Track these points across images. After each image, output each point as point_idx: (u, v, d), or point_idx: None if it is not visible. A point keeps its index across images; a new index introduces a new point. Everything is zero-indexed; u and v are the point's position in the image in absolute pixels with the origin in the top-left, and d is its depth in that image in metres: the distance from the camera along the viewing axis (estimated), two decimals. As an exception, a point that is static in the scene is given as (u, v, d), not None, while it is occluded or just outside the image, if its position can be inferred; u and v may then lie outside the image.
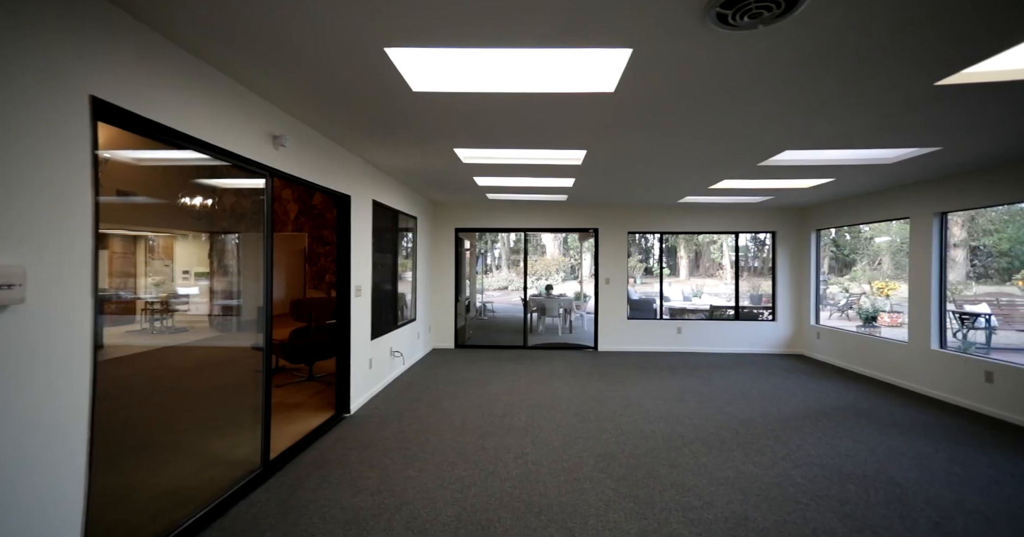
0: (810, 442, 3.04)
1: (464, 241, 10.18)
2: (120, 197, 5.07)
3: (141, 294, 9.65)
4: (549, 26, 1.61)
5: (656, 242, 23.99)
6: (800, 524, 2.06)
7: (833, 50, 1.77)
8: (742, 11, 1.39)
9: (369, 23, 1.62)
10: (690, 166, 3.83)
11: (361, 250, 3.87)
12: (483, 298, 13.75)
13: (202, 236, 9.56)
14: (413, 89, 2.21)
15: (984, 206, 3.80)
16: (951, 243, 15.87)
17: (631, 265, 22.01)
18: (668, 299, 13.18)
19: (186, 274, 10.70)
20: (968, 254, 13.88)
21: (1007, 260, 12.38)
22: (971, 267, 13.90)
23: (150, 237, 10.35)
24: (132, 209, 5.43)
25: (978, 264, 13.63)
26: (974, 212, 12.77)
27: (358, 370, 3.79)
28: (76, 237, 1.44)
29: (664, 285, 7.08)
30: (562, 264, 22.59)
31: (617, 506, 2.21)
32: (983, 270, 13.49)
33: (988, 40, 1.70)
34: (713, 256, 21.68)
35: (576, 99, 2.32)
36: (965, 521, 2.09)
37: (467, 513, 2.12)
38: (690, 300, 13.33)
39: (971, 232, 13.66)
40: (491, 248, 24.67)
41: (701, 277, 20.94)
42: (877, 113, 2.48)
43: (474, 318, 11.00)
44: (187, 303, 9.66)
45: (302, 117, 2.69)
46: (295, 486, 2.34)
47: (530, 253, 25.04)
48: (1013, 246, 12.21)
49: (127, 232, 7.35)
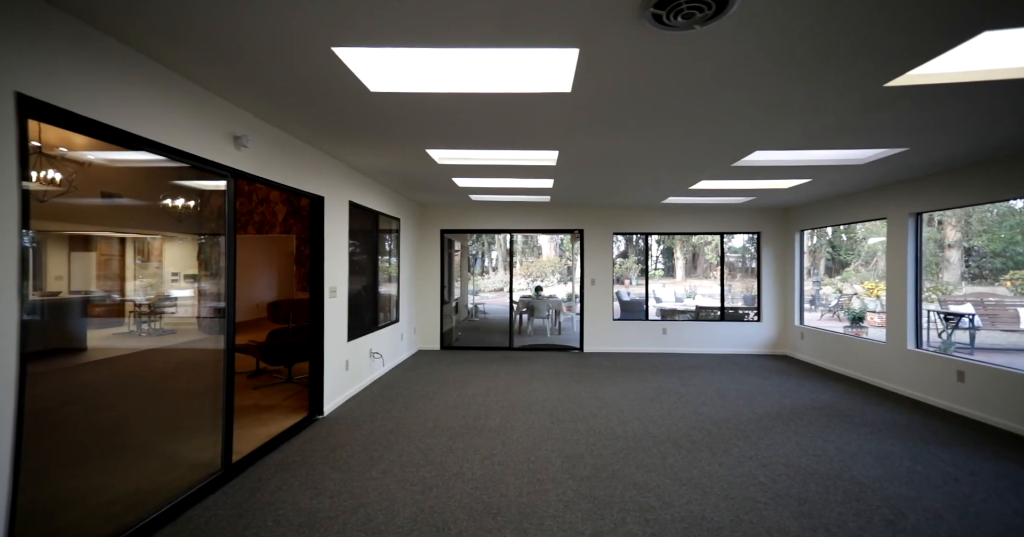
0: (779, 442, 3.04)
1: (454, 242, 10.19)
2: (105, 199, 5.05)
3: (129, 296, 9.61)
4: (490, 26, 1.62)
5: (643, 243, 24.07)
6: (755, 523, 2.06)
7: (778, 51, 1.78)
8: (675, 11, 1.40)
9: (313, 23, 1.63)
10: (664, 166, 3.84)
11: (337, 251, 3.87)
12: (476, 299, 13.75)
13: (188, 238, 9.53)
14: (371, 89, 2.21)
15: (957, 206, 3.82)
16: (946, 244, 15.76)
17: (627, 267, 22.04)
18: (660, 300, 13.22)
19: (175, 276, 10.69)
20: (963, 255, 13.96)
21: (1001, 260, 12.44)
22: (966, 268, 13.97)
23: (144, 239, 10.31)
24: (115, 211, 5.41)
25: (972, 264, 13.70)
26: (969, 214, 12.85)
27: (333, 372, 3.78)
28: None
29: (659, 286, 7.14)
30: (557, 266, 22.62)
31: (576, 507, 2.20)
32: (977, 270, 13.56)
33: (928, 44, 1.72)
34: (708, 257, 21.76)
35: (536, 99, 2.33)
36: (917, 518, 2.10)
37: (424, 515, 2.11)
38: (682, 301, 13.35)
39: (966, 233, 13.72)
40: (487, 250, 24.71)
41: (698, 278, 21.00)
42: (835, 114, 2.49)
43: (466, 320, 10.99)
44: (174, 305, 9.63)
45: (266, 117, 2.69)
46: (254, 489, 2.33)
47: (527, 255, 25.08)
48: (1007, 247, 12.27)
49: (114, 234, 7.32)
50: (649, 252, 7.59)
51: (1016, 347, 6.71)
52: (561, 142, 3.13)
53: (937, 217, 13.83)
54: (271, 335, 4.36)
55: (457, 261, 10.98)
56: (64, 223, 5.68)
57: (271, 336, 4.37)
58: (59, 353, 5.28)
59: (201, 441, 2.42)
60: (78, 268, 7.97)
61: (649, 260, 7.05)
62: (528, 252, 25.63)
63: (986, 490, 2.38)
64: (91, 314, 6.97)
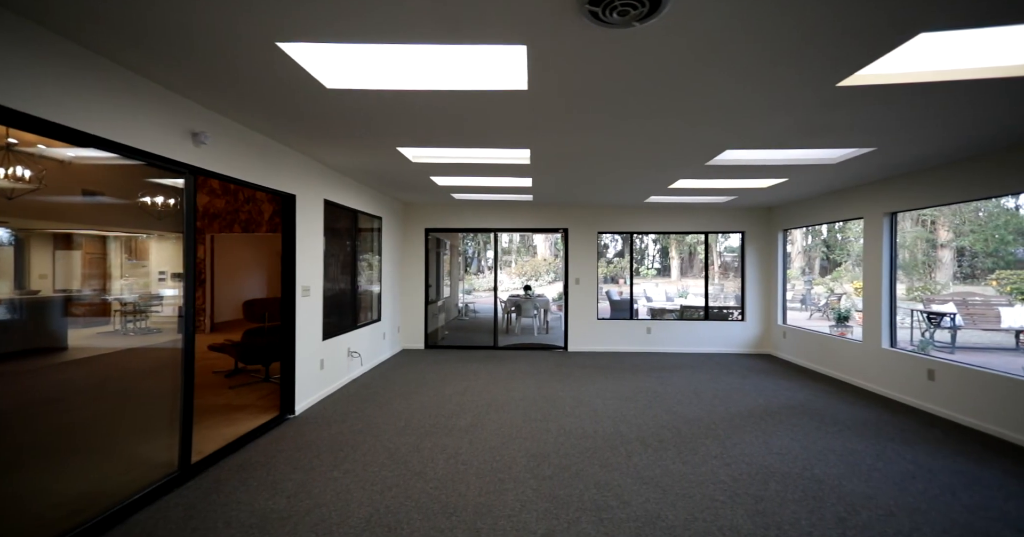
0: (747, 441, 3.04)
1: (444, 242, 10.17)
2: (84, 197, 5.00)
3: (115, 295, 9.52)
4: (431, 21, 1.60)
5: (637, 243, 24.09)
6: (709, 521, 2.06)
7: (722, 51, 1.77)
8: (610, 8, 1.39)
9: (256, 18, 1.61)
10: (637, 165, 3.83)
11: (310, 250, 3.84)
12: (467, 298, 13.72)
13: (176, 237, 9.43)
14: (327, 86, 2.20)
15: (931, 206, 3.83)
16: (938, 244, 15.81)
17: (621, 266, 21.96)
18: (651, 300, 13.24)
19: (162, 275, 10.61)
20: (955, 255, 14.05)
21: (992, 260, 12.53)
22: (958, 267, 14.06)
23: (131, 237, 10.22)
24: (91, 209, 5.35)
25: (965, 264, 13.79)
26: (955, 213, 12.91)
27: (306, 371, 3.76)
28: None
29: (651, 286, 7.14)
30: (552, 265, 22.63)
31: (533, 506, 2.19)
32: (969, 270, 13.66)
33: (869, 45, 1.73)
34: (701, 257, 21.81)
35: (494, 97, 2.32)
36: (869, 515, 2.10)
37: (379, 515, 2.10)
38: (672, 300, 13.38)
39: (957, 233, 13.81)
40: (483, 250, 24.76)
41: (694, 278, 21.09)
42: (794, 114, 2.49)
43: (455, 319, 10.97)
44: (160, 305, 9.57)
45: (228, 114, 2.66)
46: (211, 490, 2.31)
47: (522, 254, 25.02)
48: (998, 247, 12.35)
49: (97, 232, 7.25)
50: (634, 251, 7.59)
51: (998, 346, 6.76)
52: (530, 140, 3.12)
53: (930, 217, 13.93)
54: (246, 334, 4.34)
55: (447, 260, 10.96)
56: (36, 220, 5.61)
57: (246, 335, 4.34)
58: (38, 353, 5.22)
59: (161, 442, 2.39)
60: (63, 266, 7.91)
61: (635, 259, 7.08)
62: (523, 251, 25.62)
63: (940, 487, 2.39)
64: (75, 313, 6.91)
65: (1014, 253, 11.48)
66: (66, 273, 8.11)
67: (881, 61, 1.93)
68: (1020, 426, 3.01)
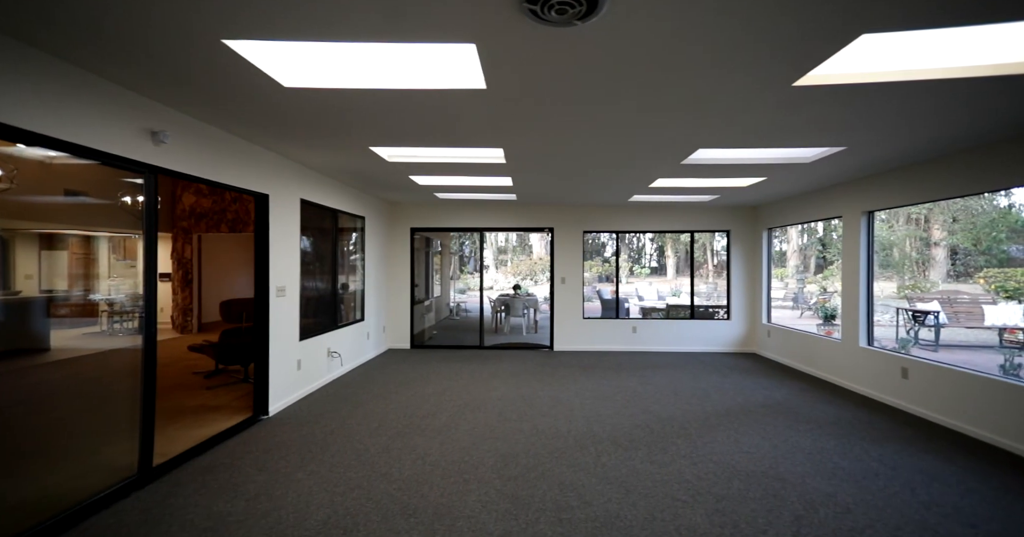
0: (719, 440, 3.04)
1: (434, 241, 10.14)
2: (68, 197, 4.96)
3: (103, 295, 9.46)
4: (375, 18, 1.58)
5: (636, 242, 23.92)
6: (668, 521, 2.06)
7: (674, 51, 1.76)
8: (547, 6, 1.38)
9: (199, 15, 1.59)
10: (612, 164, 3.82)
11: (286, 250, 3.82)
12: (459, 298, 13.71)
13: (165, 237, 9.33)
14: (284, 85, 2.18)
15: (907, 204, 3.84)
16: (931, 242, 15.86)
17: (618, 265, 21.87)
18: (643, 299, 13.25)
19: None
20: (948, 253, 14.12)
21: (985, 258, 12.59)
22: (951, 265, 14.13)
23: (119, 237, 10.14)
24: (69, 209, 5.30)
25: (958, 263, 13.86)
26: (950, 213, 12.95)
27: (282, 371, 3.74)
28: None
29: (644, 285, 7.13)
30: (547, 264, 22.58)
31: (493, 507, 2.19)
32: (963, 268, 13.73)
33: (816, 46, 1.73)
34: (697, 256, 21.87)
35: (455, 95, 2.30)
36: (826, 513, 2.11)
37: (336, 517, 2.09)
38: (664, 299, 13.41)
39: (950, 231, 13.88)
40: (478, 249, 24.61)
41: (687, 276, 21.10)
42: (758, 114, 2.48)
43: (446, 318, 10.96)
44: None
45: (191, 112, 2.63)
46: (169, 493, 2.29)
47: (517, 253, 25.00)
48: (991, 245, 12.41)
49: (83, 233, 7.20)
50: (632, 251, 7.59)
51: (984, 344, 6.80)
52: (500, 140, 3.11)
53: (923, 215, 13.99)
54: (223, 335, 4.31)
55: (438, 260, 10.93)
56: (14, 220, 5.57)
57: (224, 336, 4.32)
58: (19, 354, 5.19)
59: (121, 445, 2.37)
60: (49, 267, 7.84)
61: (632, 258, 7.07)
62: (519, 251, 25.61)
63: (901, 484, 2.40)
64: (60, 314, 6.85)
65: (1007, 251, 11.53)
66: (52, 273, 8.03)
67: (835, 62, 1.93)
68: (988, 423, 3.03)
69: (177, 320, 8.02)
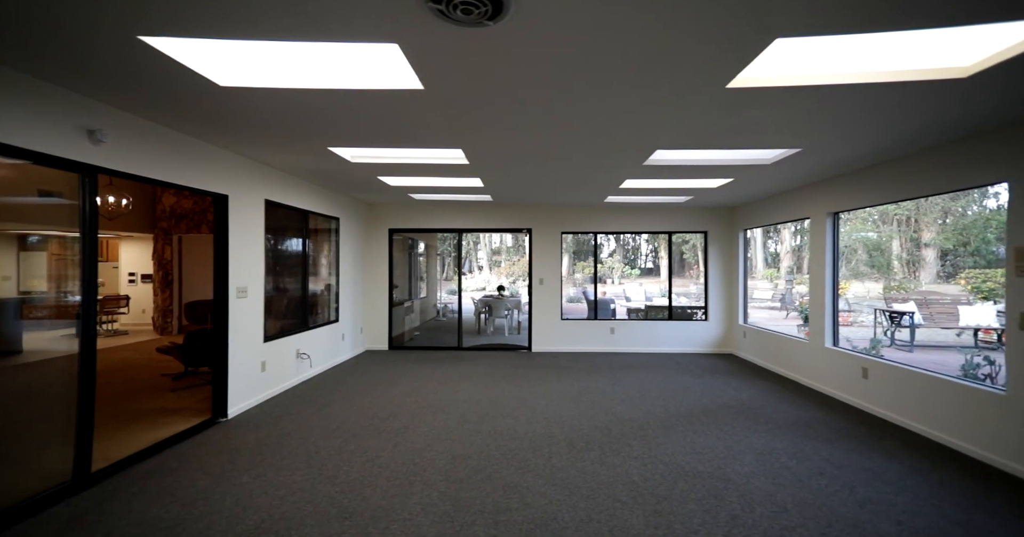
0: (674, 441, 3.04)
1: (418, 242, 10.11)
2: (42, 197, 4.90)
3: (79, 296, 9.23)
4: (290, 18, 1.57)
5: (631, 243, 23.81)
6: (603, 522, 2.05)
7: (596, 52, 1.76)
8: (451, 5, 1.37)
9: (112, 10, 1.56)
10: (574, 165, 3.82)
11: (249, 251, 3.80)
12: (445, 299, 13.68)
13: (146, 238, 9.21)
14: (220, 84, 2.16)
15: (870, 205, 3.86)
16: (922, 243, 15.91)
17: (610, 265, 21.88)
18: (630, 299, 13.28)
19: (132, 276, 10.39)
20: (938, 254, 14.24)
21: (973, 260, 12.69)
22: (941, 267, 14.25)
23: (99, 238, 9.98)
24: (51, 210, 5.26)
25: (948, 264, 13.98)
26: (946, 214, 13.04)
27: (244, 373, 3.71)
28: None
29: (635, 285, 7.12)
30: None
31: (432, 509, 2.18)
32: (952, 269, 13.85)
33: (736, 49, 1.74)
34: (686, 257, 21.93)
35: (395, 96, 2.29)
36: (762, 512, 2.11)
37: (270, 521, 2.07)
38: (651, 300, 13.44)
39: (940, 231, 14.01)
40: (475, 249, 24.81)
41: (683, 278, 21.21)
42: (701, 116, 2.49)
43: (433, 319, 10.93)
44: (126, 307, 9.35)
45: (135, 111, 2.58)
46: (104, 499, 2.25)
47: (511, 254, 24.95)
48: (979, 246, 12.50)
49: (63, 233, 7.12)
50: (598, 252, 7.60)
51: (962, 344, 6.85)
52: (455, 140, 3.10)
53: (910, 216, 14.08)
54: (188, 336, 4.28)
55: (423, 261, 10.90)
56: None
57: (188, 337, 4.28)
58: (-13, 356, 5.12)
59: (58, 450, 2.33)
60: (27, 268, 7.74)
61: (628, 259, 7.08)
62: (513, 252, 25.60)
63: (842, 483, 2.41)
64: (35, 316, 6.76)
65: (996, 252, 11.64)
66: (31, 274, 7.91)
67: (762, 65, 1.94)
68: (938, 422, 3.04)
69: (158, 321, 7.96)
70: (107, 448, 2.80)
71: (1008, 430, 2.60)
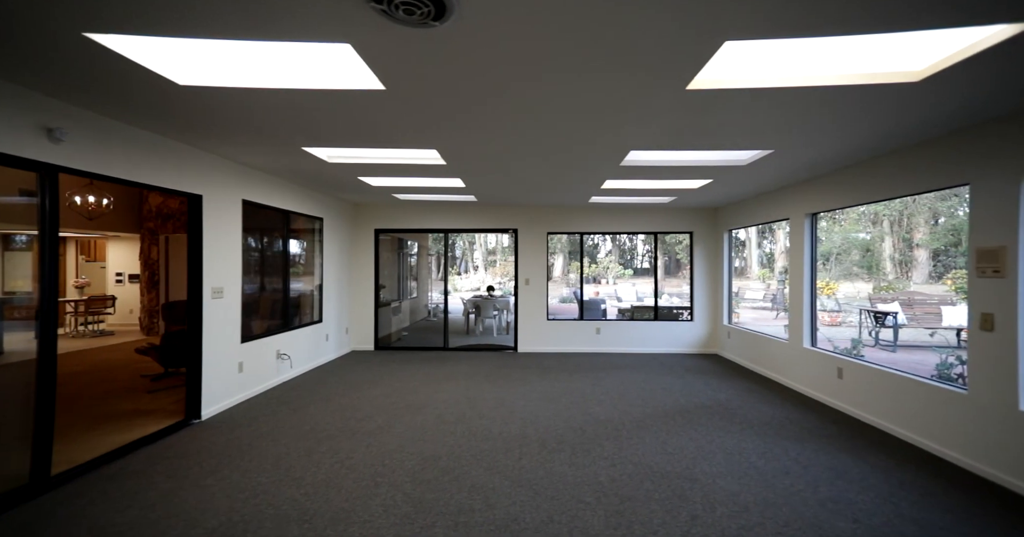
0: (646, 441, 3.05)
1: (409, 243, 10.08)
2: (23, 197, 4.85)
3: (70, 296, 9.22)
4: (237, 16, 1.56)
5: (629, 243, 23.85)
6: (564, 523, 2.05)
7: (548, 54, 1.76)
8: (393, 5, 1.37)
9: (59, 7, 1.55)
10: (553, 164, 3.81)
11: (225, 251, 3.77)
12: (436, 299, 13.65)
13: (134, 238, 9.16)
14: (180, 83, 2.14)
15: (847, 206, 3.88)
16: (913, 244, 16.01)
17: (605, 266, 21.87)
18: (621, 300, 13.29)
19: (119, 276, 10.30)
20: (930, 254, 14.36)
21: (965, 260, 12.79)
22: (932, 267, 14.36)
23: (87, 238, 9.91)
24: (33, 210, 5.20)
25: (940, 265, 14.10)
26: (939, 215, 13.13)
27: (219, 374, 3.68)
28: None
29: (628, 286, 7.13)
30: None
31: (395, 511, 2.17)
32: (943, 269, 13.96)
33: (689, 51, 1.75)
34: (680, 257, 22.00)
35: (362, 96, 2.28)
36: (723, 512, 2.11)
37: (228, 524, 2.05)
38: (642, 301, 13.47)
39: (932, 232, 14.11)
40: (471, 250, 24.83)
41: (679, 278, 21.28)
42: (666, 117, 2.49)
43: (424, 319, 10.90)
44: (112, 307, 9.26)
45: (97, 109, 2.54)
46: (61, 503, 2.22)
47: (507, 254, 24.98)
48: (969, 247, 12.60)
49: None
50: (584, 252, 7.60)
51: (946, 344, 6.90)
52: (428, 140, 3.09)
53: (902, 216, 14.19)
54: (165, 337, 4.25)
55: (414, 261, 10.87)
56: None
57: (166, 338, 4.25)
58: (-35, 358, 5.04)
59: (16, 453, 2.30)
60: (12, 268, 7.65)
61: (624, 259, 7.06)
62: (508, 252, 25.61)
63: (807, 482, 2.42)
64: (16, 316, 6.68)
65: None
66: (15, 275, 7.82)
67: (718, 67, 1.94)
68: (907, 422, 3.06)
69: (144, 322, 7.89)
70: (72, 451, 2.77)
71: (969, 429, 2.63)
